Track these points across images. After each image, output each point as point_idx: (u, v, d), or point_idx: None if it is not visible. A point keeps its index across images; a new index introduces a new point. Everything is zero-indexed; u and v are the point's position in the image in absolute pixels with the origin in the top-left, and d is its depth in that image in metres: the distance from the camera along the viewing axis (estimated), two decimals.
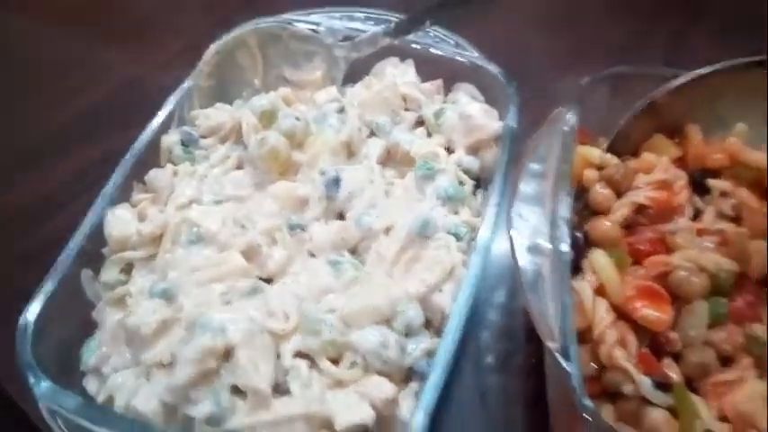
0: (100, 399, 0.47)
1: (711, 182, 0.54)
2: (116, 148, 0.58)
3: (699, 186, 0.54)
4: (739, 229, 0.52)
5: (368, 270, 0.52)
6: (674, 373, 0.46)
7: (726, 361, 0.46)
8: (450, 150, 0.61)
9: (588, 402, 0.41)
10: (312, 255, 0.54)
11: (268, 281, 0.52)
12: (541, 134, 0.55)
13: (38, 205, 0.68)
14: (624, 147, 0.57)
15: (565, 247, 0.47)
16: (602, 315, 0.47)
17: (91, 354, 0.50)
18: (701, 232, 0.52)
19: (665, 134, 0.58)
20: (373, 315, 0.47)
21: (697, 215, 0.54)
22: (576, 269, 0.50)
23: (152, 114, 0.59)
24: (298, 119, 0.59)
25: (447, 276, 0.50)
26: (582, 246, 0.50)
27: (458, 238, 0.52)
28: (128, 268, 0.54)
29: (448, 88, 0.65)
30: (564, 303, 0.44)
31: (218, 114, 0.61)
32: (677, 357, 0.47)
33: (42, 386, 0.45)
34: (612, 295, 0.48)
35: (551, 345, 0.44)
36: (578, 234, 0.51)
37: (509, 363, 0.60)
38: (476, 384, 0.58)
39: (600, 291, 0.48)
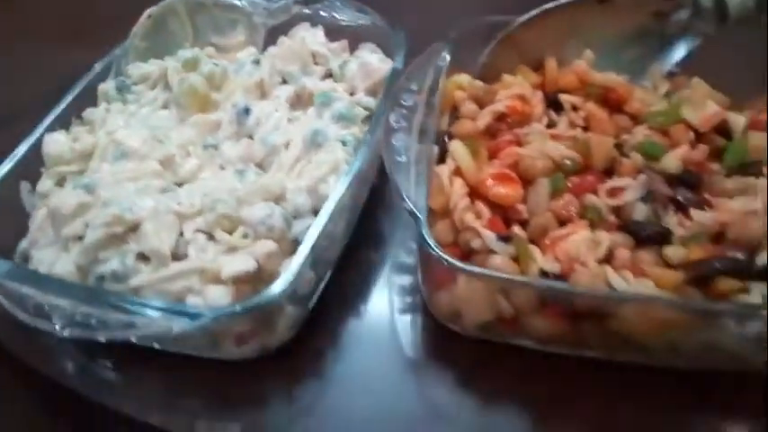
0: None
1: (563, 96, 0.63)
2: None
3: (554, 106, 0.64)
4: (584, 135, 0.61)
5: (269, 176, 0.60)
6: (519, 233, 0.53)
7: (563, 224, 0.54)
8: (353, 95, 0.71)
9: (431, 241, 0.49)
10: (222, 168, 0.62)
11: (181, 186, 0.60)
12: (419, 62, 0.64)
13: None
14: (490, 76, 0.66)
15: (430, 142, 0.56)
16: (456, 188, 0.55)
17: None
18: (554, 137, 0.61)
19: (530, 67, 0.67)
20: (264, 194, 0.55)
21: (552, 127, 0.63)
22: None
23: None
24: (216, 65, 0.68)
25: (331, 171, 0.58)
26: (448, 143, 0.59)
27: (344, 144, 0.61)
28: (62, 182, 0.62)
29: (353, 48, 0.76)
30: (419, 173, 0.53)
31: (146, 66, 0.70)
32: (524, 226, 0.55)
33: None
34: (467, 175, 0.56)
35: (405, 205, 0.52)
36: (445, 136, 0.60)
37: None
38: (388, 299, 0.63)
39: (458, 173, 0.56)
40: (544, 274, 0.50)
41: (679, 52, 0.67)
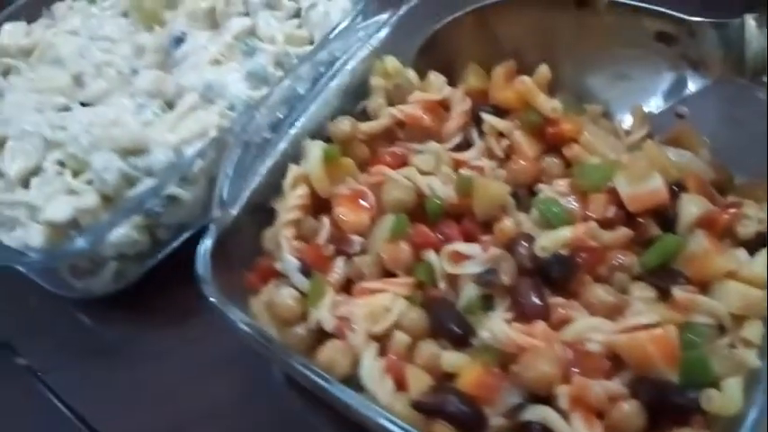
0: None
1: (485, 116, 0.51)
2: None
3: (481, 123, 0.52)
4: (499, 170, 0.50)
5: (164, 118, 0.58)
6: (337, 269, 0.47)
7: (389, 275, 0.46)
8: (312, 44, 0.64)
9: (203, 273, 0.45)
10: (133, 96, 0.60)
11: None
12: (349, 33, 0.56)
13: None
14: (434, 63, 0.55)
15: (268, 132, 0.50)
16: (293, 197, 0.49)
17: None
18: (458, 164, 0.51)
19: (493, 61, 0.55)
20: (110, 144, 0.53)
21: (466, 149, 0.52)
22: None
23: None
24: None
25: (199, 135, 0.55)
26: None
27: (231, 108, 0.56)
28: (6, 73, 0.65)
29: None
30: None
31: None
32: None
33: None
34: (315, 184, 0.49)
35: (214, 209, 0.48)
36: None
37: None
38: None
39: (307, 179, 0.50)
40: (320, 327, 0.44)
41: (680, 93, 0.51)
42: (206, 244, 0.45)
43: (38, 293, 0.58)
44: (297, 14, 0.66)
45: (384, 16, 0.56)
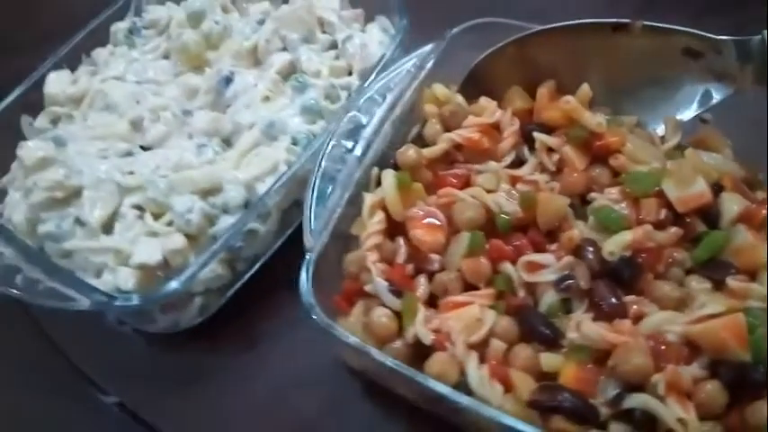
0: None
1: (536, 135, 0.56)
2: None
3: (531, 141, 0.57)
4: (552, 182, 0.55)
5: (225, 156, 0.61)
6: (421, 287, 0.51)
7: (470, 288, 0.51)
8: (350, 74, 0.68)
9: (308, 299, 0.49)
10: (190, 137, 0.63)
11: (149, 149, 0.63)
12: (397, 65, 0.60)
13: None
14: (478, 88, 0.60)
15: (353, 157, 0.54)
16: (372, 223, 0.53)
17: None
18: (514, 180, 0.56)
19: (532, 83, 0.60)
20: (190, 186, 0.56)
21: (520, 165, 0.57)
22: None
23: None
24: (217, 22, 0.68)
25: (269, 171, 0.58)
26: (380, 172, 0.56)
27: (295, 143, 0.60)
28: (56, 120, 0.67)
29: (370, 19, 0.71)
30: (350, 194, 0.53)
31: (161, 9, 0.71)
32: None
33: None
34: (391, 210, 0.53)
35: (306, 239, 0.51)
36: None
37: None
38: None
39: (383, 205, 0.54)
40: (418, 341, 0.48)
41: (706, 102, 0.57)
42: (308, 272, 0.49)
43: (115, 330, 0.61)
44: (332, 46, 0.70)
45: (429, 47, 0.61)
